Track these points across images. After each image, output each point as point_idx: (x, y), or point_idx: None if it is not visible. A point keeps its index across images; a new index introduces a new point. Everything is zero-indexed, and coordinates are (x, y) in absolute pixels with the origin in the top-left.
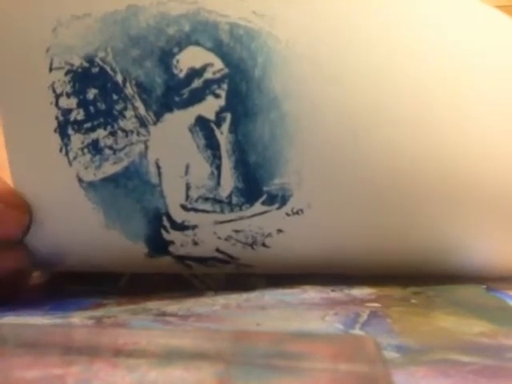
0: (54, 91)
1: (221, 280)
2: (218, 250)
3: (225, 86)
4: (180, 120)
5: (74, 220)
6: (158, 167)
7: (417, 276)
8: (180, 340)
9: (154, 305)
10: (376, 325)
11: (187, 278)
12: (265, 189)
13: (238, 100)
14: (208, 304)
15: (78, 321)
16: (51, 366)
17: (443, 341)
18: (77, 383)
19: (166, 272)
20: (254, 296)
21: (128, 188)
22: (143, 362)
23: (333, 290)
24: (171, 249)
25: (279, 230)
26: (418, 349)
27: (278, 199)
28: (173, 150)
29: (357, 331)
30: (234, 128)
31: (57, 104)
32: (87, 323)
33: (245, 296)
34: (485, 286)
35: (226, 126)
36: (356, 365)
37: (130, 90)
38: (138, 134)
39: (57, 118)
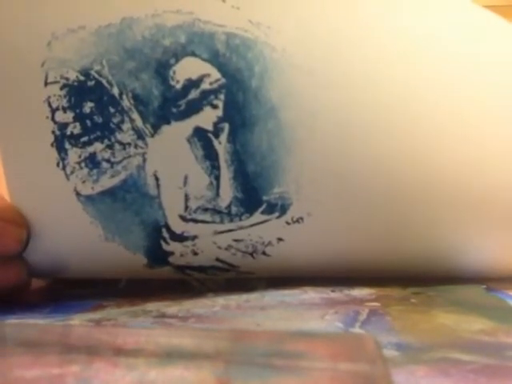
0: (50, 105)
1: (221, 282)
2: (218, 260)
3: (222, 97)
4: (178, 131)
5: (72, 234)
6: (157, 179)
7: (417, 278)
8: (180, 339)
9: (153, 306)
10: (376, 323)
11: (187, 280)
12: (264, 198)
13: (235, 110)
14: (208, 305)
15: (78, 323)
16: (51, 365)
17: (443, 339)
18: (77, 382)
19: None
20: (254, 297)
21: (126, 201)
22: (143, 361)
23: (333, 291)
24: (171, 259)
25: (279, 239)
26: (419, 347)
27: (278, 208)
28: (171, 161)
29: (357, 330)
30: (232, 138)
31: (53, 118)
32: (87, 324)
33: (245, 297)
34: (485, 286)
35: (224, 137)
36: (356, 364)
37: (126, 103)
38: (136, 146)
39: (53, 132)
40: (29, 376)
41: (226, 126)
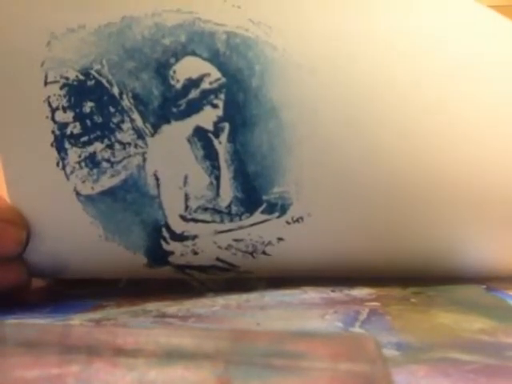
0: (50, 105)
1: (221, 282)
2: (218, 259)
3: (222, 96)
4: (178, 131)
5: (72, 234)
6: (157, 179)
7: (417, 278)
8: (180, 339)
9: (153, 306)
10: (376, 322)
11: (187, 280)
12: (264, 198)
13: (235, 110)
14: (208, 305)
15: (78, 323)
16: (51, 365)
17: (443, 338)
18: (76, 382)
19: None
20: (254, 297)
21: (126, 201)
22: (143, 362)
23: (333, 291)
24: (171, 259)
25: (279, 239)
26: (418, 347)
27: (278, 208)
28: (171, 161)
29: (356, 329)
30: (233, 138)
31: (53, 118)
32: (87, 324)
33: (245, 297)
34: (485, 286)
35: (224, 136)
36: (356, 364)
37: (126, 103)
38: (136, 146)
39: (53, 132)
40: (29, 376)
41: (227, 125)
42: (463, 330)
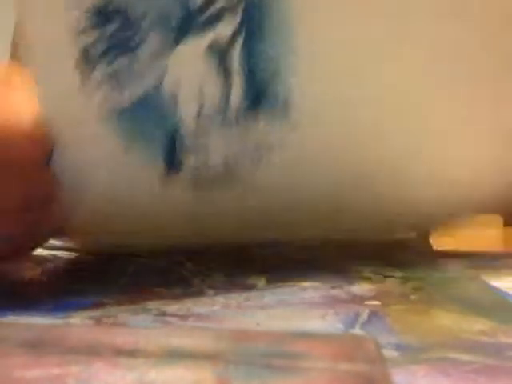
0: (73, 26)
1: (220, 279)
2: (225, 165)
3: (241, 7)
4: (195, 44)
5: (95, 148)
6: (174, 91)
7: (417, 274)
8: (180, 339)
9: (153, 304)
10: (376, 324)
11: (187, 278)
12: (270, 102)
13: (252, 23)
14: (208, 304)
15: (78, 321)
16: (51, 365)
17: (443, 339)
18: (76, 383)
19: (177, 207)
20: (254, 296)
21: (147, 113)
22: (143, 362)
23: (333, 288)
24: (185, 164)
25: (282, 145)
26: (418, 347)
27: (283, 115)
28: (188, 73)
29: (357, 330)
30: (247, 49)
31: (76, 38)
32: (87, 323)
33: (244, 295)
34: (486, 281)
35: (238, 47)
36: (356, 364)
37: (147, 21)
38: (156, 61)
39: (77, 51)
40: (29, 376)
41: (242, 36)
42: (463, 331)
